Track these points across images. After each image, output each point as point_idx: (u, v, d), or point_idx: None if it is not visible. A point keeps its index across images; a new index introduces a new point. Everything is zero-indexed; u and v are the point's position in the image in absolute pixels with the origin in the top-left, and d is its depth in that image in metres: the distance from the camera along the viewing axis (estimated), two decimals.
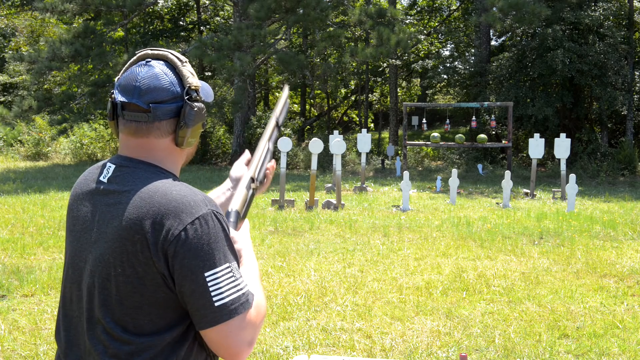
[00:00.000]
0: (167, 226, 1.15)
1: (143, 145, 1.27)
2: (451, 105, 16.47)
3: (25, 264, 5.78)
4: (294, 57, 16.87)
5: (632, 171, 16.84)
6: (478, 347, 3.82)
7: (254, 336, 1.20)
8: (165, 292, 1.17)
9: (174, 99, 1.25)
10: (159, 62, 1.27)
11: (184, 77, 1.27)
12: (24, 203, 9.67)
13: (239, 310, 1.16)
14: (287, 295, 4.82)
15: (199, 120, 1.29)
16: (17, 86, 26.30)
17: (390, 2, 21.42)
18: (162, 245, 1.15)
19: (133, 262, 1.16)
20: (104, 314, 1.19)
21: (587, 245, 6.87)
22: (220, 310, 1.15)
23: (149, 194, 1.19)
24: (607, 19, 18.39)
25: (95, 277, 1.21)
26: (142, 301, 1.17)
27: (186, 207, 1.17)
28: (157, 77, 1.25)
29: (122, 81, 1.26)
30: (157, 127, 1.25)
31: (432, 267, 5.82)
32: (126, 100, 1.24)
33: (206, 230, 1.17)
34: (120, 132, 1.29)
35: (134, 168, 1.25)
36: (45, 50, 15.98)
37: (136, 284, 1.17)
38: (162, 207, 1.17)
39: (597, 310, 4.56)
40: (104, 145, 21.28)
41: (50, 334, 3.93)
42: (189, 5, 24.40)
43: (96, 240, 1.23)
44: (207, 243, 1.16)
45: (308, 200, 9.93)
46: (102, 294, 1.20)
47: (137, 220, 1.17)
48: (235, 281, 1.17)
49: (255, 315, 1.20)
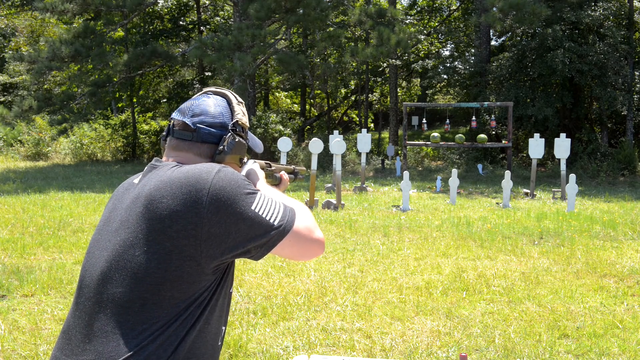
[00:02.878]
0: (194, 193, 1.24)
1: (183, 156, 1.39)
2: (451, 105, 16.46)
3: (25, 264, 5.78)
4: (294, 57, 16.87)
5: (632, 171, 16.84)
6: (478, 347, 3.82)
7: (316, 231, 1.35)
8: (190, 266, 1.24)
9: (220, 127, 1.41)
10: (217, 96, 1.46)
11: (234, 112, 1.45)
12: (24, 203, 9.67)
13: (293, 219, 1.31)
14: (287, 295, 4.82)
15: (237, 153, 1.43)
16: (17, 86, 26.31)
17: (390, 2, 21.42)
18: (195, 211, 1.23)
19: (161, 238, 1.23)
20: (122, 294, 1.24)
21: (587, 245, 6.87)
22: (280, 226, 1.28)
23: (168, 176, 1.29)
24: (607, 19, 18.39)
25: (112, 262, 1.27)
26: (166, 276, 1.23)
27: (202, 171, 1.28)
28: (212, 105, 1.43)
29: (181, 106, 1.44)
30: (198, 147, 1.39)
31: (432, 267, 5.82)
32: (178, 119, 1.40)
33: (229, 176, 1.29)
34: (166, 148, 1.44)
35: (162, 167, 1.36)
36: (45, 50, 15.98)
37: (161, 260, 1.23)
38: (182, 180, 1.26)
39: (597, 310, 4.56)
40: (104, 145, 21.28)
41: (50, 334, 3.93)
42: (189, 5, 24.40)
43: (117, 229, 1.31)
44: (236, 186, 1.28)
45: (308, 200, 9.94)
46: (121, 275, 1.25)
47: (161, 198, 1.25)
48: (273, 201, 1.32)
49: (305, 215, 1.36)
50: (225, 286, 1.35)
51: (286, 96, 29.23)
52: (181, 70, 25.53)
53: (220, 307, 1.34)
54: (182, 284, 1.23)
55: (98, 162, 20.22)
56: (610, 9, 18.25)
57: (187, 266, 1.23)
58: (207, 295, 1.28)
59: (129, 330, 1.22)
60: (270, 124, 18.68)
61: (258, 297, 4.77)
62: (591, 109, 19.69)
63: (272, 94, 28.22)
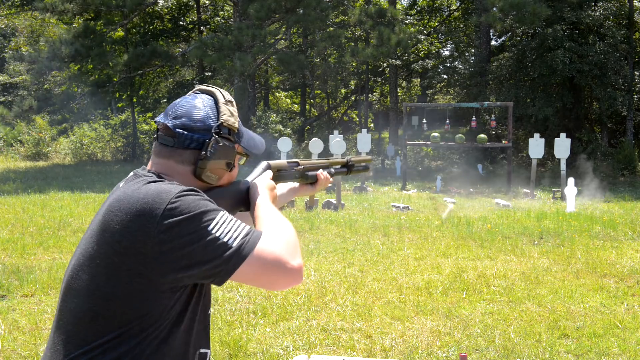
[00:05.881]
0: (148, 211, 1.16)
1: (164, 164, 1.31)
2: (451, 105, 16.46)
3: (25, 264, 5.78)
4: (294, 57, 16.88)
5: (632, 171, 16.84)
6: (478, 347, 3.81)
7: (291, 258, 1.19)
8: (140, 282, 1.18)
9: (202, 131, 1.30)
10: (204, 95, 1.35)
11: (220, 112, 1.32)
12: (24, 203, 9.67)
13: (255, 241, 1.18)
14: (287, 295, 4.82)
15: (222, 158, 1.31)
16: (17, 86, 26.30)
17: (390, 2, 21.40)
18: (145, 229, 1.16)
19: (110, 252, 1.18)
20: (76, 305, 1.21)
21: (587, 245, 6.87)
22: (240, 248, 1.16)
23: (132, 190, 1.22)
24: (607, 18, 18.38)
25: (73, 272, 1.24)
26: (115, 292, 1.18)
27: (162, 190, 1.19)
28: (195, 106, 1.31)
29: (168, 107, 1.34)
30: (179, 153, 1.29)
31: (432, 267, 5.82)
32: (160, 120, 1.31)
33: (190, 197, 1.19)
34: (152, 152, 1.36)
35: (141, 177, 1.28)
36: (45, 50, 15.99)
37: (110, 275, 1.18)
38: (141, 195, 1.19)
39: (597, 310, 4.56)
40: (104, 145, 21.27)
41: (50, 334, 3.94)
42: (189, 5, 24.38)
43: (86, 237, 1.26)
44: (194, 206, 1.17)
45: (308, 200, 9.93)
46: (78, 286, 1.22)
47: (117, 212, 1.19)
48: (235, 223, 1.20)
49: (281, 239, 1.21)
50: (196, 309, 1.28)
51: (286, 96, 29.22)
52: (181, 70, 25.53)
53: (187, 329, 1.27)
54: (133, 300, 1.18)
55: (98, 162, 20.21)
56: (610, 9, 18.25)
57: (136, 283, 1.18)
58: (168, 315, 1.22)
59: (80, 341, 1.20)
60: (270, 124, 18.68)
61: (258, 297, 4.76)
62: (591, 109, 19.68)
63: (272, 94, 28.20)
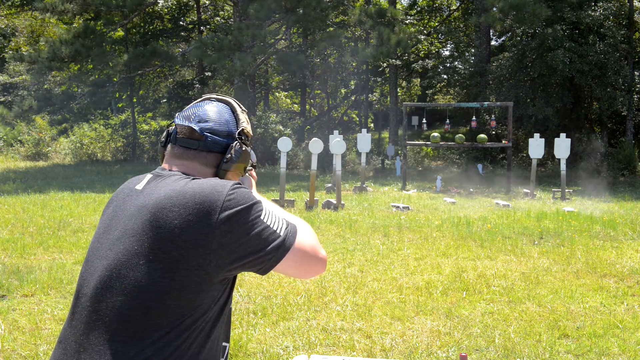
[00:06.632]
0: (208, 204, 1.24)
1: (188, 166, 1.38)
2: (451, 105, 16.46)
3: (25, 264, 5.78)
4: (294, 57, 16.88)
5: (632, 171, 16.85)
6: (478, 347, 3.81)
7: (319, 249, 1.36)
8: (198, 275, 1.22)
9: (226, 136, 1.40)
10: (220, 104, 1.44)
11: (239, 120, 1.44)
12: (24, 203, 9.67)
13: (294, 235, 1.32)
14: (287, 295, 4.82)
15: (243, 162, 1.42)
16: (17, 86, 26.30)
17: (390, 2, 21.40)
18: (207, 220, 1.22)
19: (169, 247, 1.21)
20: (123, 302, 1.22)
21: (587, 245, 6.87)
22: (285, 240, 1.29)
23: (180, 186, 1.28)
24: (607, 18, 18.39)
25: (113, 270, 1.25)
26: (172, 285, 1.21)
27: (217, 185, 1.28)
28: (218, 112, 1.41)
29: (184, 112, 1.41)
30: (204, 156, 1.38)
31: (432, 267, 5.82)
32: (185, 124, 1.37)
33: (242, 190, 1.29)
34: (166, 155, 1.42)
35: (169, 177, 1.33)
36: (45, 50, 15.99)
37: (167, 269, 1.21)
38: (196, 190, 1.26)
39: (597, 310, 4.56)
40: (104, 145, 21.28)
41: (50, 334, 3.93)
42: (189, 5, 24.39)
43: (120, 237, 1.28)
44: (248, 199, 1.28)
45: (308, 200, 9.93)
46: (122, 283, 1.23)
47: (172, 207, 1.24)
48: (276, 213, 1.34)
49: (308, 232, 1.37)
50: (229, 299, 1.34)
51: (286, 96, 29.21)
52: (181, 70, 25.53)
53: (224, 321, 1.33)
54: (189, 292, 1.22)
55: (98, 162, 20.21)
56: (610, 9, 18.26)
57: (194, 275, 1.22)
58: (214, 308, 1.27)
59: (129, 338, 1.20)
60: (270, 124, 18.69)
61: (258, 297, 4.77)
62: (591, 109, 19.69)
63: (272, 94, 28.19)
